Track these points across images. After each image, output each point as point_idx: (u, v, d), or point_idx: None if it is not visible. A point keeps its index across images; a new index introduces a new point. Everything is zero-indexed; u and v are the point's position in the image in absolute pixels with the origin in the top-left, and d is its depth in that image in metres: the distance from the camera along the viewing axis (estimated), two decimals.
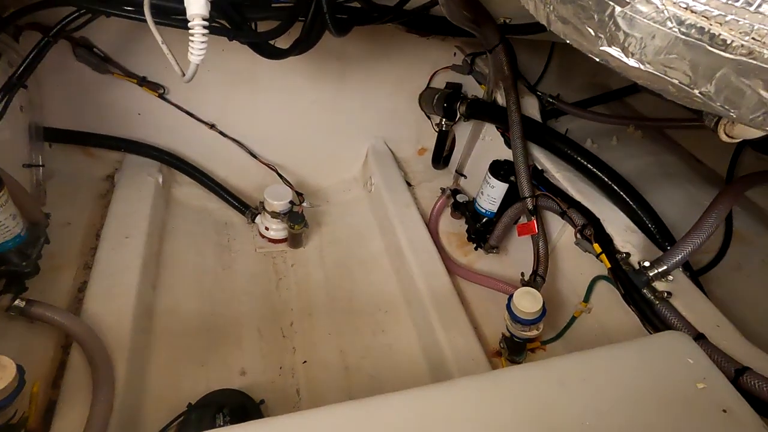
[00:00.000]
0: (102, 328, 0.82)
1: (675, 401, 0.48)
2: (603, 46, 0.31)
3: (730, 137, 0.53)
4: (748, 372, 0.57)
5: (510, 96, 1.03)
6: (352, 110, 1.40)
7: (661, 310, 0.70)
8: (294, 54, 0.77)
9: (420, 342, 1.04)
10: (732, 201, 0.78)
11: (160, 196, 1.19)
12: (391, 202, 1.27)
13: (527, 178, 0.96)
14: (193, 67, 0.61)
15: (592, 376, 0.49)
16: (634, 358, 0.52)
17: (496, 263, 1.19)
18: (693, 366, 0.52)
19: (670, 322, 0.68)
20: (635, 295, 0.74)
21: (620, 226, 0.87)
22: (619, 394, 0.47)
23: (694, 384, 0.50)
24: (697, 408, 0.47)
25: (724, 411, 0.48)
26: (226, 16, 0.74)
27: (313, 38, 0.73)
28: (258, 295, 1.13)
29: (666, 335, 0.56)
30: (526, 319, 0.80)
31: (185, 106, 1.23)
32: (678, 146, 1.34)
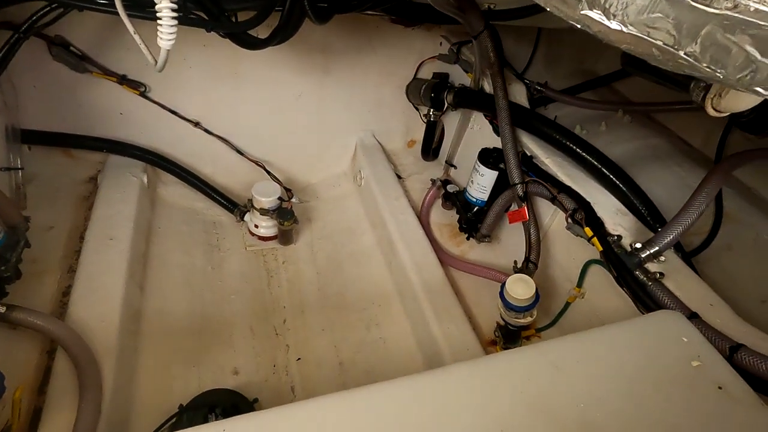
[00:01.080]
0: (88, 332, 0.80)
1: (670, 380, 0.47)
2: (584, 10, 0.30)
3: (717, 111, 0.53)
4: (743, 349, 0.57)
5: (497, 82, 1.02)
6: (338, 104, 1.38)
7: (654, 290, 0.69)
8: (274, 43, 0.75)
9: (414, 334, 1.03)
10: (721, 180, 0.78)
11: (146, 197, 1.16)
12: (382, 195, 1.26)
13: (516, 164, 0.95)
14: (163, 54, 0.59)
15: (586, 358, 0.48)
16: (628, 338, 0.51)
17: (488, 252, 1.18)
18: (687, 344, 0.51)
19: (663, 302, 0.67)
20: (627, 277, 0.73)
21: (611, 209, 0.87)
22: (614, 375, 0.47)
23: (688, 362, 0.49)
24: (693, 386, 0.47)
25: (720, 388, 0.47)
26: (203, 8, 0.73)
27: (293, 26, 0.72)
28: (249, 293, 1.12)
29: (659, 314, 0.56)
30: (519, 306, 0.80)
31: (168, 104, 1.20)
32: (666, 129, 1.34)
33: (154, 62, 0.61)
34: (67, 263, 0.99)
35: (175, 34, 0.57)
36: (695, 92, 0.55)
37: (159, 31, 0.56)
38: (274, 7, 0.69)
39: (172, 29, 0.56)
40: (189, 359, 0.94)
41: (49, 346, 0.82)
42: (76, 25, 1.05)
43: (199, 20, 0.73)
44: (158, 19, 0.55)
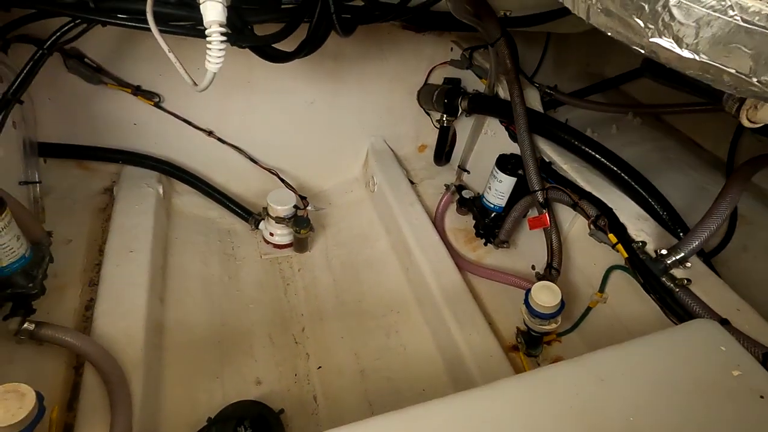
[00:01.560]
0: (114, 346, 0.80)
1: (713, 391, 0.48)
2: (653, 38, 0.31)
3: (752, 122, 0.53)
4: None
5: (513, 89, 1.02)
6: (350, 110, 1.38)
7: (683, 297, 0.70)
8: (302, 56, 0.75)
9: (435, 341, 1.03)
10: (743, 185, 0.79)
11: (161, 207, 1.16)
12: (395, 200, 1.26)
13: (536, 171, 0.96)
14: (210, 75, 0.59)
15: (630, 370, 0.49)
16: (669, 348, 0.52)
17: (505, 257, 1.19)
18: (726, 353, 0.52)
19: (692, 310, 0.68)
20: (654, 283, 0.74)
21: (632, 215, 0.87)
22: (659, 387, 0.47)
23: (729, 372, 0.50)
24: (736, 396, 0.47)
25: (762, 397, 0.47)
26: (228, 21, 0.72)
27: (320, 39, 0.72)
28: (267, 302, 1.12)
29: (695, 324, 0.56)
30: (545, 313, 0.80)
31: (182, 114, 1.20)
32: (677, 131, 1.35)
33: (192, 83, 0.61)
34: (87, 277, 0.98)
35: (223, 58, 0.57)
36: (729, 103, 0.56)
37: (208, 54, 0.56)
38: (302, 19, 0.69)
39: (221, 52, 0.55)
40: (212, 371, 0.94)
41: (75, 361, 0.82)
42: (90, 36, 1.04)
43: None
44: (207, 42, 0.55)
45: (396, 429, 0.46)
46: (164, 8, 0.68)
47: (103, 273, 0.93)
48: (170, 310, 1.00)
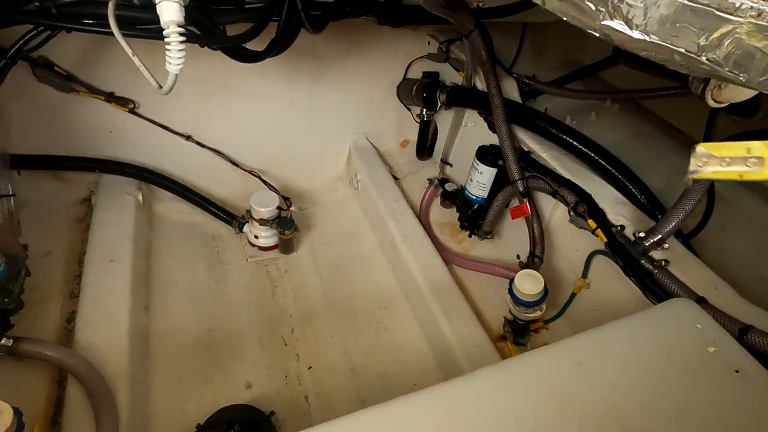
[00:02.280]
0: (97, 358, 0.79)
1: (690, 368, 0.48)
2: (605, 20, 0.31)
3: (717, 102, 0.54)
4: (752, 330, 0.59)
5: (490, 80, 1.03)
6: (330, 108, 1.38)
7: (661, 278, 0.71)
8: (272, 54, 0.75)
9: (424, 335, 1.03)
10: None
11: (142, 215, 1.15)
12: (380, 197, 1.26)
13: (515, 160, 0.96)
14: (172, 77, 0.58)
15: (608, 352, 0.49)
16: (646, 329, 0.53)
17: (490, 248, 1.20)
18: (702, 331, 0.52)
19: (670, 290, 0.69)
20: (634, 266, 0.75)
21: (611, 200, 0.88)
22: (636, 368, 0.48)
23: (705, 348, 0.50)
24: (712, 371, 0.48)
25: (737, 371, 0.48)
26: (195, 22, 0.71)
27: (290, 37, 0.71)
28: (254, 305, 1.11)
29: (672, 303, 0.57)
30: (529, 301, 0.81)
31: (158, 119, 1.18)
32: (654, 116, 1.37)
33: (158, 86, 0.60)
34: (68, 289, 0.97)
35: (183, 59, 0.56)
36: (694, 85, 0.56)
37: (168, 55, 0.55)
38: (270, 19, 0.69)
39: (180, 53, 0.55)
40: (201, 376, 0.93)
41: (59, 375, 0.80)
42: (59, 44, 1.02)
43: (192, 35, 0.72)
44: (166, 43, 0.54)
45: (381, 418, 0.46)
46: (129, 12, 0.66)
47: (83, 284, 0.92)
48: (156, 317, 0.99)
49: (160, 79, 0.76)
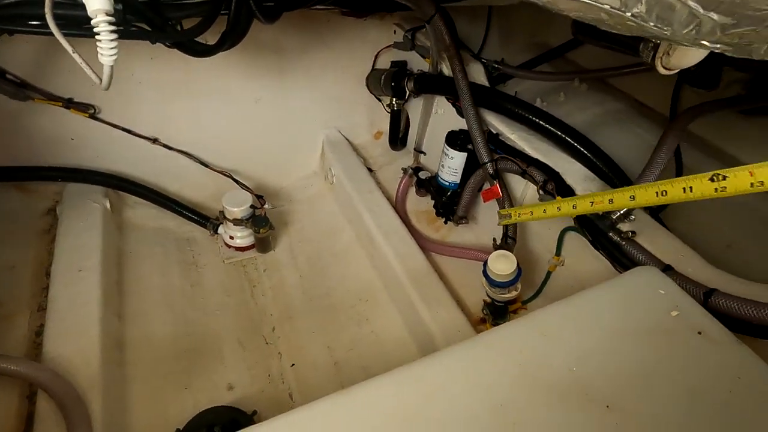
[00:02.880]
0: (69, 369, 0.77)
1: (653, 332, 0.49)
2: None
3: (667, 69, 0.55)
4: (715, 293, 0.60)
5: (455, 65, 1.02)
6: (299, 104, 1.36)
7: (629, 249, 0.72)
8: (225, 48, 0.73)
9: (405, 324, 1.03)
10: (678, 135, 0.81)
11: (111, 222, 1.12)
12: (355, 190, 1.25)
13: (484, 143, 0.96)
14: (107, 70, 0.56)
15: (572, 323, 0.50)
16: (609, 298, 0.53)
17: (467, 233, 1.20)
18: (665, 296, 0.53)
19: (638, 259, 0.70)
20: (602, 239, 0.75)
21: (579, 176, 0.89)
22: (600, 336, 0.48)
23: (668, 313, 0.51)
24: (675, 334, 0.49)
25: (699, 333, 0.49)
26: (145, 18, 0.69)
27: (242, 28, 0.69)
28: (233, 306, 1.10)
29: (635, 271, 0.58)
30: (503, 281, 0.81)
31: (122, 123, 1.15)
32: (621, 93, 1.38)
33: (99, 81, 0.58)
34: (35, 302, 0.94)
35: (117, 49, 0.55)
36: (645, 53, 0.57)
37: (99, 47, 0.53)
38: (219, 11, 0.67)
39: (112, 44, 0.53)
40: (180, 381, 0.92)
41: (29, 390, 0.78)
42: (9, 50, 0.99)
43: (141, 32, 0.70)
44: (95, 33, 0.52)
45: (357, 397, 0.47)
46: (73, 11, 0.64)
47: (50, 296, 0.89)
48: (130, 325, 0.97)
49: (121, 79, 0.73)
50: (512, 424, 0.41)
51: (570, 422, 0.41)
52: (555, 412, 0.41)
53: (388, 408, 0.44)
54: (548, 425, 0.41)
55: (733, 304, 0.57)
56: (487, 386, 0.44)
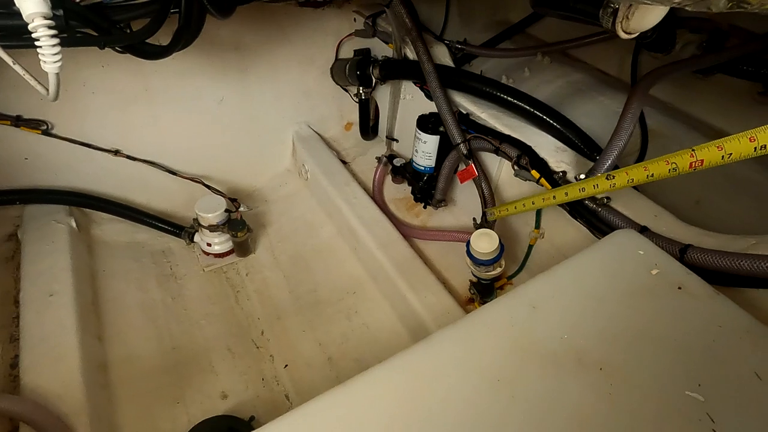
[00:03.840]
0: (50, 398, 0.73)
1: (636, 292, 0.50)
2: None
3: (627, 33, 0.55)
4: (690, 248, 0.61)
5: (418, 47, 1.01)
6: (264, 101, 1.33)
7: (605, 215, 0.73)
8: (180, 48, 0.70)
9: (395, 312, 1.03)
10: (641, 100, 0.83)
11: (79, 242, 1.07)
12: (331, 184, 1.23)
13: (455, 124, 0.96)
14: (53, 79, 0.53)
15: (558, 292, 0.50)
16: (592, 263, 0.54)
17: (447, 216, 1.20)
18: (644, 256, 0.54)
19: (615, 224, 0.71)
20: (579, 208, 0.77)
21: (551, 148, 0.90)
22: (586, 301, 0.49)
23: (648, 272, 0.52)
24: (657, 292, 0.50)
25: (680, 288, 0.51)
26: (90, 23, 0.65)
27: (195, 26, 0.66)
28: (218, 314, 1.07)
29: (614, 235, 0.59)
30: (487, 259, 0.82)
31: (79, 138, 1.10)
32: (583, 64, 1.40)
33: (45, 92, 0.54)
34: (6, 333, 0.89)
35: (60, 55, 0.51)
36: (605, 19, 0.57)
37: (40, 54, 0.49)
38: (169, 10, 0.64)
39: (54, 49, 0.49)
40: (171, 396, 0.89)
41: (10, 425, 0.74)
42: None
43: (88, 38, 0.66)
44: (35, 40, 0.49)
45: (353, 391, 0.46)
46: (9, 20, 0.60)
47: (23, 324, 0.85)
48: (112, 346, 0.94)
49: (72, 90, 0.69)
50: (511, 397, 0.41)
51: (566, 388, 0.42)
52: (551, 380, 0.42)
53: (388, 397, 0.44)
54: (546, 394, 0.41)
55: (708, 258, 0.59)
56: (483, 363, 0.44)
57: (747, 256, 0.56)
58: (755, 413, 0.40)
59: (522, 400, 0.41)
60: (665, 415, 0.40)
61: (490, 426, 0.40)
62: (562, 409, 0.40)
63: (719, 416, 0.40)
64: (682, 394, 0.41)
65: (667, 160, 0.51)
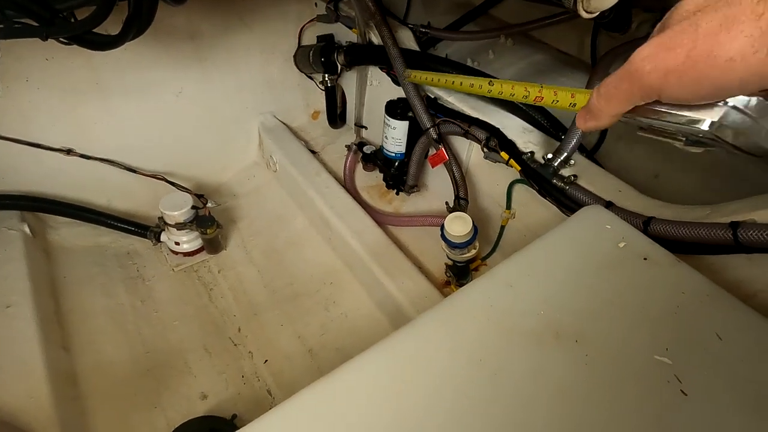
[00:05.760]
0: (17, 416, 0.70)
1: (606, 265, 0.52)
2: None
3: (588, 12, 0.56)
4: (653, 221, 0.64)
5: (383, 32, 1.00)
6: (226, 92, 1.28)
7: (572, 192, 0.75)
8: (131, 38, 0.65)
9: (372, 300, 1.03)
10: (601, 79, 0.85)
11: (35, 248, 1.01)
12: (301, 175, 1.21)
13: (424, 109, 0.96)
14: None
15: (533, 270, 0.51)
16: (563, 240, 0.56)
17: (420, 201, 1.21)
18: (611, 230, 0.56)
19: (582, 201, 0.74)
20: (548, 186, 0.79)
21: (518, 130, 0.91)
22: (560, 277, 0.50)
23: (616, 245, 0.54)
24: (624, 263, 0.52)
25: (645, 259, 0.53)
26: (29, 12, 0.60)
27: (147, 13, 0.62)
28: (192, 314, 1.04)
29: (583, 212, 0.61)
30: (461, 242, 0.83)
31: (25, 137, 1.03)
32: (545, 45, 1.43)
33: None
34: None
35: None
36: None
37: None
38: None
39: None
40: (148, 402, 0.87)
41: None
42: None
43: (27, 29, 0.61)
44: None
45: (336, 384, 0.46)
46: None
47: None
48: (80, 356, 0.90)
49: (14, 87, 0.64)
50: (494, 375, 0.42)
51: (546, 361, 0.43)
52: (531, 354, 0.43)
53: (372, 385, 0.44)
54: (527, 367, 0.42)
55: (669, 228, 0.62)
56: (465, 344, 0.45)
57: (703, 224, 0.59)
58: (718, 371, 0.42)
59: (505, 378, 0.42)
60: (637, 379, 0.43)
61: (477, 406, 0.40)
62: (544, 382, 0.41)
63: (686, 377, 0.42)
64: (651, 358, 0.43)
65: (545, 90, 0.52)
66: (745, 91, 0.30)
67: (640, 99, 0.33)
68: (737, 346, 0.45)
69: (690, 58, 0.28)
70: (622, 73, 0.33)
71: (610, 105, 0.36)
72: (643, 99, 0.33)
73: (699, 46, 0.27)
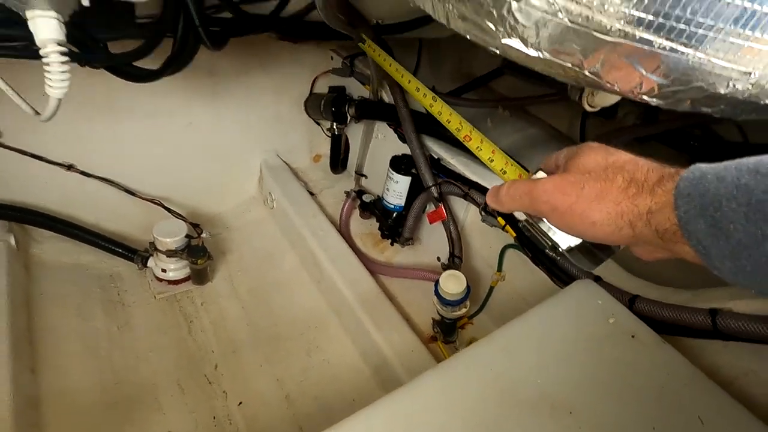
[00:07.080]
0: None
1: (598, 339, 0.55)
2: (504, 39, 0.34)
3: (591, 107, 0.63)
4: (638, 299, 0.68)
5: (395, 93, 1.07)
6: (234, 128, 1.32)
7: (563, 264, 0.79)
8: (168, 74, 0.69)
9: (356, 348, 1.02)
10: None
11: (16, 261, 0.98)
12: (297, 214, 1.23)
13: (427, 168, 1.01)
14: (53, 102, 0.50)
15: (529, 338, 0.54)
16: (557, 311, 0.58)
17: (412, 254, 1.23)
18: (602, 306, 0.60)
19: (572, 273, 0.78)
20: (540, 255, 0.83)
21: None
22: (555, 347, 0.53)
23: (606, 320, 0.57)
24: (614, 340, 0.55)
25: (633, 336, 0.56)
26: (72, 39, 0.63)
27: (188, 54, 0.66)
28: (168, 346, 1.01)
29: (575, 285, 0.64)
30: (454, 300, 0.85)
31: (29, 149, 1.02)
32: (539, 119, 1.54)
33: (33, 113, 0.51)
34: None
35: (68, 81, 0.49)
36: (573, 92, 0.65)
37: (47, 78, 0.47)
38: (164, 35, 0.63)
39: (64, 75, 0.47)
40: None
41: None
42: None
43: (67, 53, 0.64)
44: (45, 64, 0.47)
45: None
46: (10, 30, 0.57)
47: None
48: (46, 378, 0.85)
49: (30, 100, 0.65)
50: None
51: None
52: (528, 423, 0.44)
53: None
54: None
55: (654, 308, 0.66)
56: (464, 411, 0.46)
57: (685, 308, 0.64)
58: None
59: None
60: None
61: None
62: None
63: None
64: None
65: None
66: (605, 243, 0.41)
67: (532, 213, 0.46)
68: (718, 430, 0.47)
69: (570, 208, 0.37)
70: (528, 189, 0.43)
71: (512, 203, 0.47)
72: (535, 214, 0.46)
73: (578, 203, 0.37)
